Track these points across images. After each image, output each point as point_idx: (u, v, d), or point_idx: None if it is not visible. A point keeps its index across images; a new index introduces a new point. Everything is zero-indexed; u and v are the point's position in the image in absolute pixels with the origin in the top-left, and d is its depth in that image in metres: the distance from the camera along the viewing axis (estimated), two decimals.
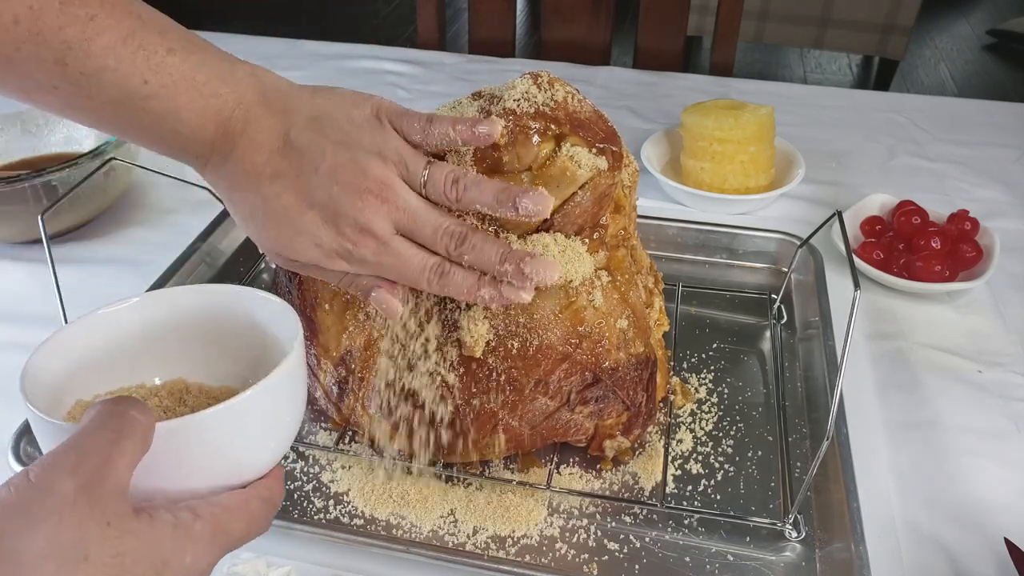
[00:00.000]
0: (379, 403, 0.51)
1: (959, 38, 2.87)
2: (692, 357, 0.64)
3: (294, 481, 0.53)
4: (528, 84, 0.48)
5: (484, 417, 0.49)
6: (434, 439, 0.50)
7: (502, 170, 0.46)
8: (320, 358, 0.54)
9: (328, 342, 0.54)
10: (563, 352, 0.48)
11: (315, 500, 0.52)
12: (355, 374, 0.52)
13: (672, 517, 0.51)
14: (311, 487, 0.53)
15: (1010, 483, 0.54)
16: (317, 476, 0.54)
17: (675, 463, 0.55)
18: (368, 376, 0.52)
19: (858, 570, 0.45)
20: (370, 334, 0.52)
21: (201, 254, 0.70)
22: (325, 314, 0.53)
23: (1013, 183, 0.87)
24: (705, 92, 1.03)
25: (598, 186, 0.48)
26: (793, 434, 0.57)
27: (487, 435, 0.50)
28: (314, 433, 0.57)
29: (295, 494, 0.53)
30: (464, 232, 0.43)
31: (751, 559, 0.49)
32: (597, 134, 0.48)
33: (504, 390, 0.49)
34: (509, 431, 0.50)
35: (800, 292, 0.69)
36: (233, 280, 0.70)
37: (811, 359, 0.62)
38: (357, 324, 0.52)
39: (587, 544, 0.49)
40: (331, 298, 0.53)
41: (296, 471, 0.54)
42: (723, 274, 0.73)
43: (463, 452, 0.51)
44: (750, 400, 0.60)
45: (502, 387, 0.49)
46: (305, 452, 0.56)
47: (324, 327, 0.54)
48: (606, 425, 0.52)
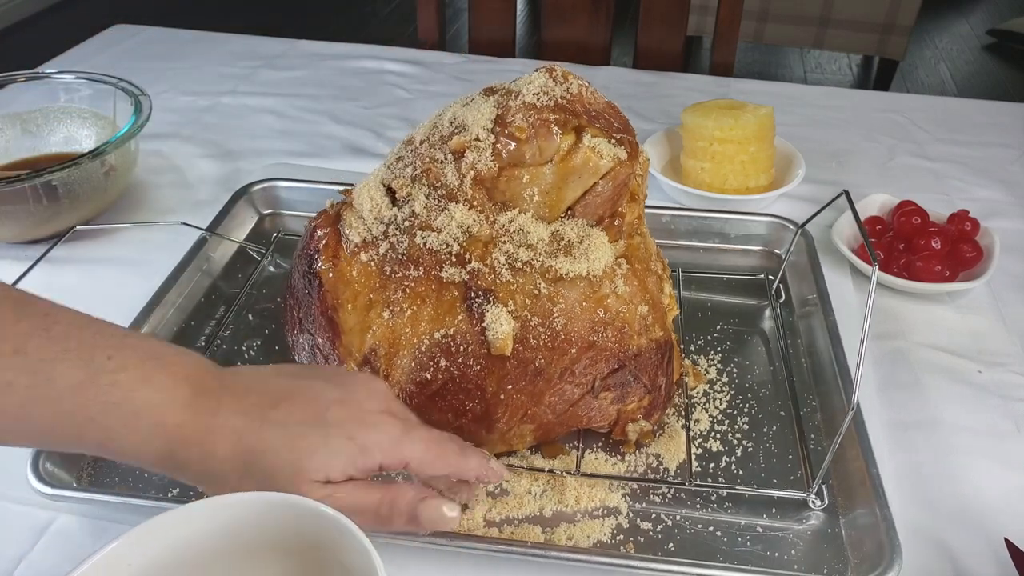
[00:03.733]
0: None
1: (959, 38, 2.87)
2: (698, 340, 0.65)
3: None
4: (545, 78, 0.49)
5: (513, 408, 0.50)
6: (464, 432, 0.50)
7: (524, 164, 0.47)
8: (344, 360, 0.54)
9: (352, 342, 0.53)
10: (589, 340, 0.49)
11: None
12: (380, 372, 0.52)
13: (699, 495, 0.52)
14: None
15: (1010, 483, 0.55)
16: None
17: (695, 442, 0.56)
18: (393, 373, 0.52)
19: (884, 532, 0.47)
20: (394, 331, 0.52)
21: (201, 259, 0.70)
22: (348, 314, 0.53)
23: (1013, 183, 0.87)
24: (705, 92, 1.03)
25: (618, 175, 0.49)
26: (804, 408, 0.59)
27: (515, 425, 0.51)
28: None
29: None
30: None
31: (779, 530, 0.50)
32: (614, 125, 0.49)
33: (533, 380, 0.49)
34: (536, 420, 0.51)
35: (794, 272, 0.70)
36: (237, 281, 0.70)
37: (813, 335, 0.64)
38: (381, 322, 0.52)
39: (621, 526, 0.51)
40: (353, 298, 0.53)
41: None
42: (717, 258, 0.74)
43: (491, 444, 0.52)
44: (759, 378, 0.61)
45: (530, 377, 0.49)
46: None
47: (347, 328, 0.53)
48: (628, 410, 0.53)
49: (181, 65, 1.10)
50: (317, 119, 0.98)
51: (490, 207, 0.50)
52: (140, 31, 1.20)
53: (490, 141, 0.49)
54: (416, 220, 0.51)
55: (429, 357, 0.50)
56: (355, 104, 1.01)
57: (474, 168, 0.49)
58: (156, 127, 0.92)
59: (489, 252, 0.50)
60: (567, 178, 0.48)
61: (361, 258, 0.52)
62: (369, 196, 0.54)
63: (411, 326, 0.50)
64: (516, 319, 0.48)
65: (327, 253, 0.53)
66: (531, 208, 0.51)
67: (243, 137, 0.94)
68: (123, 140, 0.74)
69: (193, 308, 0.67)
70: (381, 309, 0.52)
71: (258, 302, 0.68)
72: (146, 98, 0.79)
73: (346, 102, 1.02)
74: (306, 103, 1.01)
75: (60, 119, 0.84)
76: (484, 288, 0.49)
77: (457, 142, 0.49)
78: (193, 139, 0.94)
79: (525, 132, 0.47)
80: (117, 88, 0.81)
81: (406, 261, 0.51)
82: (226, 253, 0.73)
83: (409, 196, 0.52)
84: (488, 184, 0.50)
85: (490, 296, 0.49)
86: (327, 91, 1.04)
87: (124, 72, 0.87)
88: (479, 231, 0.50)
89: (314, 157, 0.89)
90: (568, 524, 0.50)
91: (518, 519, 0.51)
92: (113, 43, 1.17)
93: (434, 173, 0.51)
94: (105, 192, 0.76)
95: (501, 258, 0.49)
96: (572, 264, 0.49)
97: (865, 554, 0.47)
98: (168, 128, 0.95)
